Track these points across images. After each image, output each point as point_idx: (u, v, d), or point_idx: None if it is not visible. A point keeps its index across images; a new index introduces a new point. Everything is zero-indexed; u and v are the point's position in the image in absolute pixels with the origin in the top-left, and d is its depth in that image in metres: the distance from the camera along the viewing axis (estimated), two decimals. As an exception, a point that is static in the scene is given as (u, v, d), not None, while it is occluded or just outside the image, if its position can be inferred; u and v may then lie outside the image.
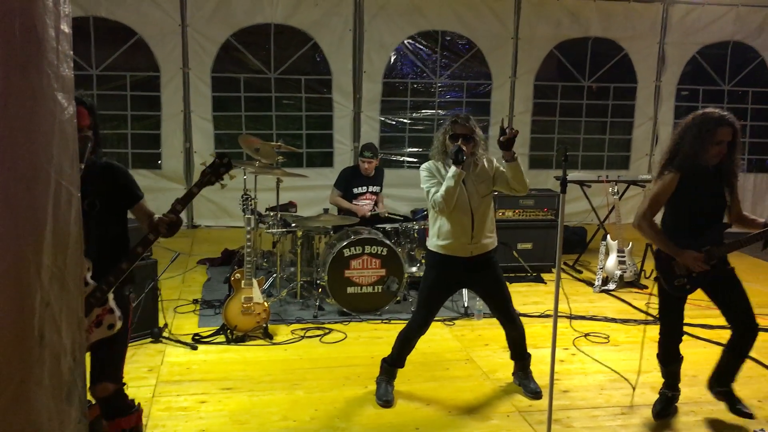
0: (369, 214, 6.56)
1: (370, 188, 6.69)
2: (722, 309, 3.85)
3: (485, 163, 4.17)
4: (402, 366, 4.33)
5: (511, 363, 4.49)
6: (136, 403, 3.13)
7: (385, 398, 4.18)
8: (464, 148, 3.99)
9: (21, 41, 1.38)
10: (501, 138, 3.83)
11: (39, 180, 1.44)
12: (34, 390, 1.46)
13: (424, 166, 4.20)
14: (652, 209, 3.79)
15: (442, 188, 3.98)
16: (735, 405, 3.93)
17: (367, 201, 6.69)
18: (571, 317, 5.65)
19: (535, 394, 4.29)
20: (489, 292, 4.27)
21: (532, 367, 4.53)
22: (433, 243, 4.19)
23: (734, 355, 3.86)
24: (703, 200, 3.74)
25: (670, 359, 4.03)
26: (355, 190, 6.65)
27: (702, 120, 3.69)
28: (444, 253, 4.13)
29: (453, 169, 3.95)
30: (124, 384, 3.09)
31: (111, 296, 2.84)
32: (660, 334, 4.01)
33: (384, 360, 4.33)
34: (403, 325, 4.30)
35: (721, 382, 3.95)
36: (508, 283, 4.31)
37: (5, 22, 1.35)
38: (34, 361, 1.45)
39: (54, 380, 1.49)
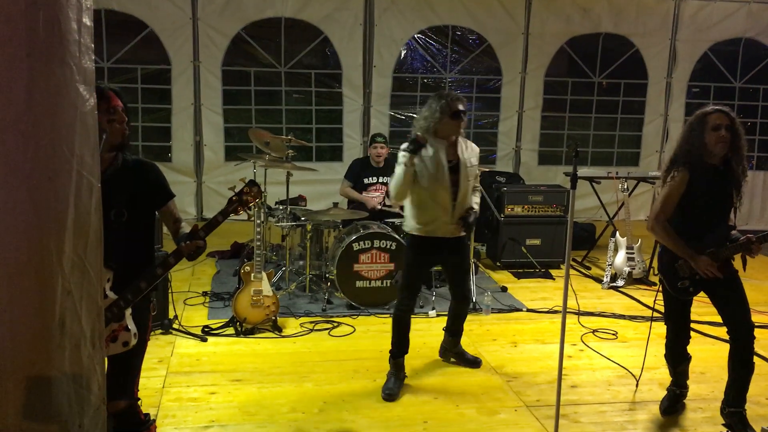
0: (379, 206, 6.57)
1: (381, 179, 6.72)
2: (720, 311, 3.80)
3: (470, 152, 4.31)
4: (407, 351, 4.39)
5: (518, 357, 4.50)
6: (152, 417, 3.09)
7: (388, 391, 4.20)
8: (421, 139, 4.03)
9: (44, 34, 1.40)
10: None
11: (61, 171, 1.46)
12: (55, 376, 1.49)
13: (405, 145, 4.10)
14: (664, 211, 3.74)
15: (392, 178, 4.14)
16: None
17: (378, 193, 6.71)
18: (579, 313, 5.66)
19: (475, 362, 4.64)
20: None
21: (540, 363, 4.55)
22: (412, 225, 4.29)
23: (739, 365, 3.74)
24: (711, 200, 3.71)
25: (678, 360, 4.03)
26: (366, 181, 6.67)
27: (695, 116, 3.77)
28: (421, 235, 4.26)
29: (402, 165, 4.04)
30: (138, 399, 3.00)
31: (128, 313, 2.76)
32: (666, 336, 4.01)
33: (390, 352, 4.39)
34: (414, 321, 4.31)
35: (731, 400, 3.81)
36: (516, 279, 4.35)
37: (29, 15, 1.37)
38: (55, 347, 1.48)
39: (74, 367, 1.52)
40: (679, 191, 3.70)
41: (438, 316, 5.60)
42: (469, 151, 4.29)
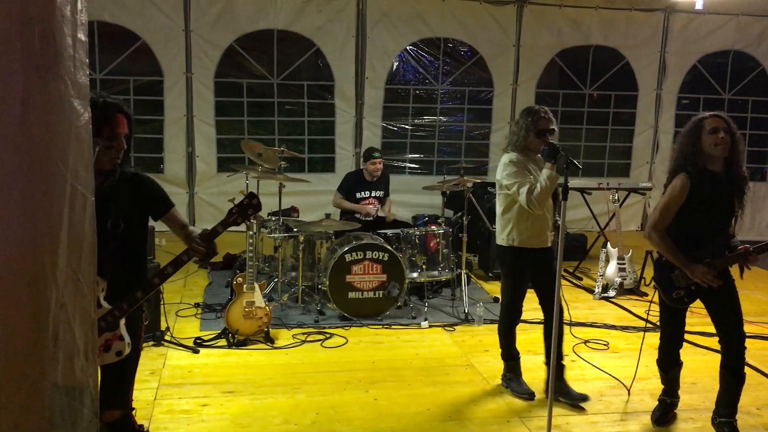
0: (374, 213, 6.58)
1: (373, 193, 6.74)
2: (713, 319, 3.82)
3: None
4: (519, 357, 4.50)
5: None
6: (145, 429, 3.10)
7: (527, 391, 4.35)
8: (554, 145, 4.03)
9: (40, 49, 1.41)
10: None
11: (55, 184, 1.47)
12: (48, 389, 1.49)
13: (508, 158, 4.24)
14: (663, 219, 3.72)
15: (539, 188, 4.07)
16: None
17: (370, 207, 6.73)
18: (570, 324, 5.67)
19: (583, 398, 4.30)
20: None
21: (532, 374, 4.56)
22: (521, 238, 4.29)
23: (730, 375, 3.76)
24: (712, 207, 3.69)
25: (670, 365, 4.04)
26: (358, 195, 6.70)
27: (691, 122, 3.77)
28: (530, 247, 4.28)
29: (547, 171, 4.06)
30: (133, 409, 3.02)
31: (122, 322, 2.77)
32: (660, 341, 4.03)
33: (503, 359, 4.54)
34: (407, 332, 4.30)
35: (722, 410, 3.82)
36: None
37: (25, 30, 1.38)
38: (49, 360, 1.48)
39: (67, 379, 1.53)
40: (680, 200, 3.67)
41: (431, 326, 5.61)
42: None
